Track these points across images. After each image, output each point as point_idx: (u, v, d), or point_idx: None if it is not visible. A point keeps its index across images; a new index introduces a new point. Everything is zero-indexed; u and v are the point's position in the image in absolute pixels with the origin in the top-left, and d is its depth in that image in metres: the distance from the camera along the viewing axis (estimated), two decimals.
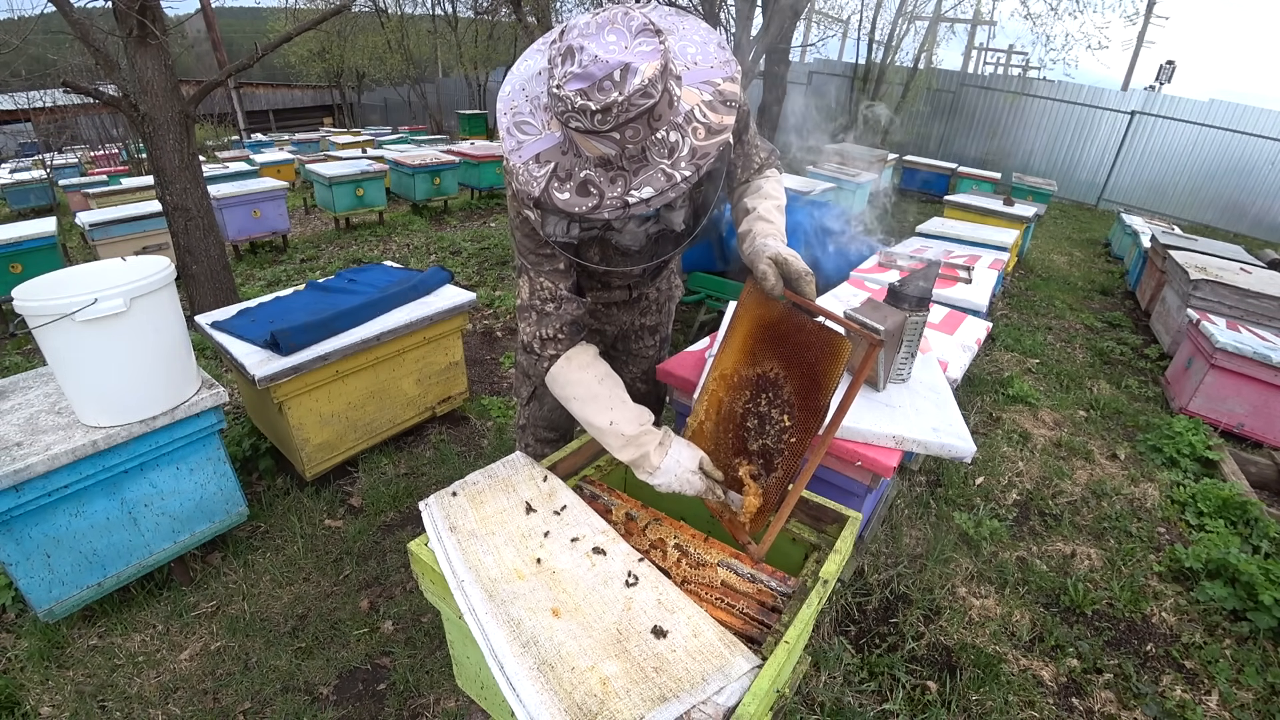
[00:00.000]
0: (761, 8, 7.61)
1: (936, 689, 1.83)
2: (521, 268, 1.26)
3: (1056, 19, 18.68)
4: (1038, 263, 6.85)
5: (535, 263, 1.22)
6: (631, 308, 1.63)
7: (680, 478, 1.15)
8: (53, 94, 10.61)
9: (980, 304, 2.78)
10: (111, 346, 1.65)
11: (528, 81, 1.01)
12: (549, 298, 1.23)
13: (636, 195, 0.91)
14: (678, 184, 0.92)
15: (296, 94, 23.78)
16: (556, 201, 0.94)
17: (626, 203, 0.92)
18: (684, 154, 0.92)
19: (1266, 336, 3.41)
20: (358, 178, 6.53)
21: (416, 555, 1.10)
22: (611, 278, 1.45)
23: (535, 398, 1.71)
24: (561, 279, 1.24)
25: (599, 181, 0.93)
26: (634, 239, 1.20)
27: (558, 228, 1.14)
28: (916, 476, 2.76)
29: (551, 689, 0.86)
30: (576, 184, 0.93)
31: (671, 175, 0.92)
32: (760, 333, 1.21)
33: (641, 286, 1.56)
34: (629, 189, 0.92)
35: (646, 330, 1.72)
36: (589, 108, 0.85)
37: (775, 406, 1.16)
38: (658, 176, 0.92)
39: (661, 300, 1.70)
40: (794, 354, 1.13)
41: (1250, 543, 2.47)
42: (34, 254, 4.24)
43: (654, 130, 0.90)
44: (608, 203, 0.92)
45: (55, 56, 6.57)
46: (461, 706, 1.71)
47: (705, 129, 0.93)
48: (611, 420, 1.18)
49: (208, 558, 2.21)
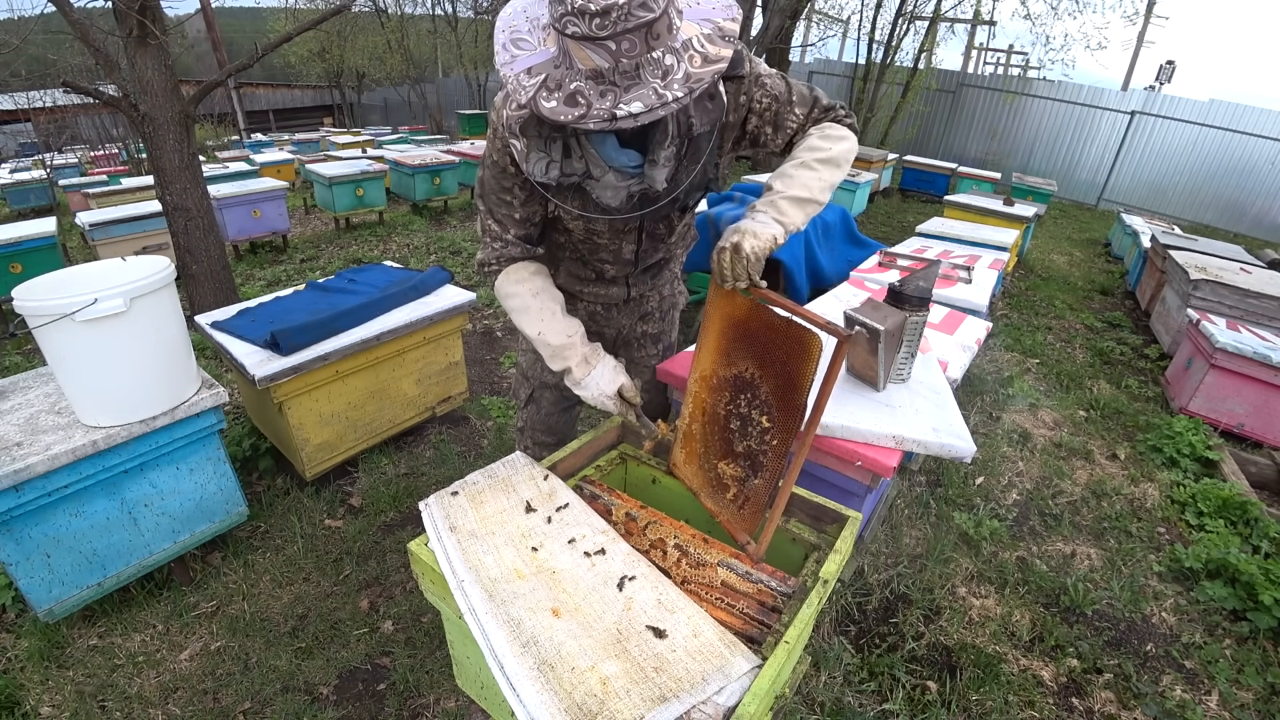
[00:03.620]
0: (762, 8, 7.61)
1: (936, 689, 1.83)
2: (477, 207, 1.34)
3: (1056, 19, 18.70)
4: (1038, 263, 6.85)
5: (493, 205, 1.27)
6: (631, 311, 1.61)
7: (597, 398, 1.28)
8: (53, 94, 10.62)
9: (980, 304, 2.78)
10: (111, 346, 1.65)
11: (529, 4, 1.00)
12: (495, 237, 1.31)
13: (625, 109, 0.89)
14: (668, 103, 0.90)
15: (296, 94, 23.79)
16: (543, 109, 0.92)
17: (614, 115, 0.89)
18: (678, 77, 0.91)
19: (1266, 336, 3.41)
20: (358, 178, 6.53)
21: (416, 555, 1.10)
22: (605, 266, 1.43)
23: (533, 400, 1.70)
24: (513, 225, 1.28)
25: (588, 93, 0.90)
26: (614, 195, 1.14)
27: (538, 166, 1.10)
28: (916, 476, 2.76)
29: (551, 689, 0.86)
30: (565, 95, 0.91)
31: (663, 95, 0.90)
32: (731, 330, 1.20)
33: (639, 285, 1.53)
34: (618, 102, 0.89)
35: (649, 339, 1.69)
36: (589, 9, 0.83)
37: (754, 408, 1.16)
38: (649, 94, 0.90)
39: (665, 308, 1.68)
40: (766, 352, 1.12)
41: (1250, 543, 2.47)
42: (34, 254, 4.24)
43: (650, 49, 0.89)
44: (594, 113, 0.90)
45: (55, 56, 6.57)
46: (461, 706, 1.71)
47: (702, 58, 0.92)
48: (540, 331, 1.28)
49: (208, 558, 2.21)
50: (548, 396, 1.67)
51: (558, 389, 1.65)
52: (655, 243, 1.43)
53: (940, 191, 9.53)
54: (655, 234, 1.40)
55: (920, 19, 11.98)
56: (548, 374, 1.62)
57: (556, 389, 1.65)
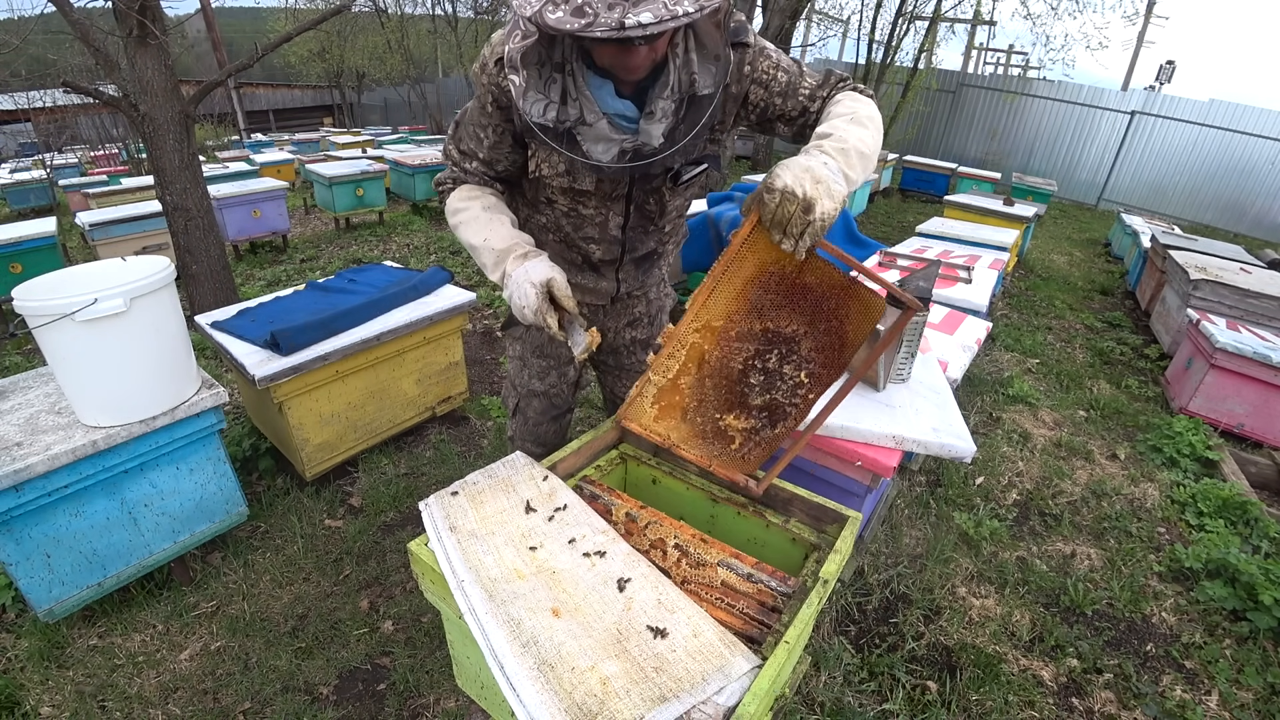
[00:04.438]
0: (762, 8, 7.61)
1: (936, 689, 1.83)
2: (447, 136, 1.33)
3: (1056, 19, 18.70)
4: (1038, 263, 6.85)
5: (466, 134, 1.27)
6: (618, 314, 1.57)
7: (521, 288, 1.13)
8: (53, 94, 10.61)
9: (980, 304, 2.78)
10: (111, 346, 1.65)
11: None
12: (455, 161, 1.31)
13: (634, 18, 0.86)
14: (679, 17, 0.87)
15: (296, 94, 23.79)
16: (548, 20, 0.88)
17: (623, 24, 0.86)
18: None
19: (1266, 336, 3.41)
20: (358, 178, 6.53)
21: (416, 555, 1.10)
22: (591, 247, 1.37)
23: (519, 410, 1.67)
24: (475, 159, 1.28)
25: (595, 4, 0.87)
26: (606, 148, 1.08)
27: (535, 106, 1.06)
28: (916, 476, 2.76)
29: (551, 689, 0.86)
30: (572, 6, 0.88)
31: (673, 9, 0.87)
32: (769, 282, 1.09)
33: (629, 280, 1.49)
34: (626, 13, 0.86)
35: (638, 344, 1.66)
36: None
37: (789, 363, 1.09)
38: (658, 6, 0.86)
39: (652, 312, 1.64)
40: (817, 309, 1.05)
41: (1250, 543, 2.47)
42: (34, 254, 4.24)
43: None
44: (601, 22, 0.86)
45: (55, 56, 6.57)
46: (461, 706, 1.71)
47: None
48: (485, 237, 1.22)
49: (208, 558, 2.21)
50: (535, 405, 1.65)
51: (545, 397, 1.63)
52: (644, 221, 1.37)
53: (940, 191, 9.54)
54: (645, 209, 1.34)
55: (920, 19, 11.98)
56: (534, 381, 1.61)
57: (544, 397, 1.63)
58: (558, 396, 1.64)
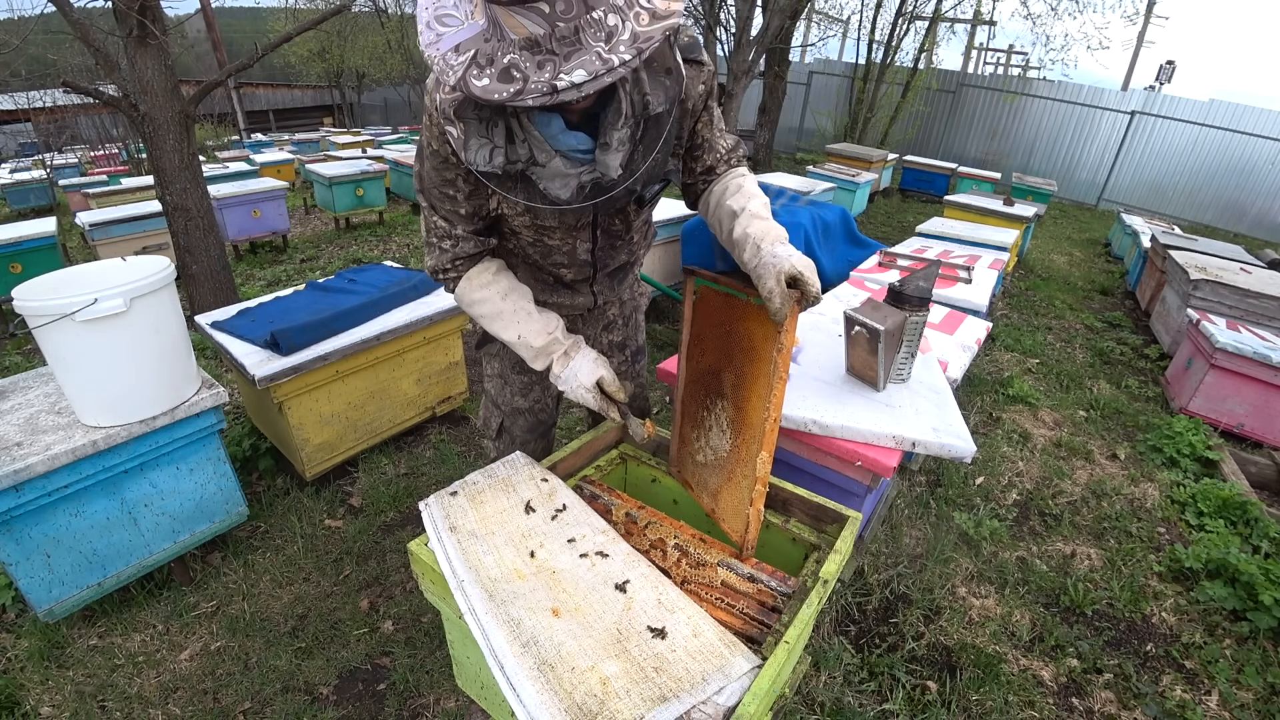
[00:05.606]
0: (762, 8, 7.61)
1: (936, 689, 1.83)
2: (420, 203, 1.22)
3: (1056, 19, 18.71)
4: (1038, 263, 6.85)
5: (436, 200, 1.17)
6: (594, 321, 1.54)
7: (576, 392, 1.23)
8: (53, 94, 10.62)
9: (980, 304, 2.78)
10: (111, 346, 1.65)
11: None
12: (444, 235, 1.21)
13: (566, 79, 0.79)
14: (615, 69, 0.80)
15: (296, 94, 23.77)
16: (474, 89, 0.82)
17: (555, 87, 0.79)
18: (624, 38, 0.80)
19: (1266, 336, 3.41)
20: (358, 178, 6.53)
21: (416, 555, 1.10)
22: (562, 270, 1.33)
23: (504, 431, 1.60)
24: (460, 221, 1.18)
25: (524, 66, 0.80)
26: (563, 184, 1.02)
27: (480, 154, 1.00)
28: (916, 476, 2.76)
29: (551, 689, 0.86)
30: (498, 70, 0.81)
31: (608, 60, 0.79)
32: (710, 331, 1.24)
33: (605, 291, 1.45)
34: (558, 73, 0.79)
35: (615, 347, 1.61)
36: None
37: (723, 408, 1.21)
38: (592, 60, 0.79)
39: (626, 313, 1.60)
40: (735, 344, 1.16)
41: (1250, 543, 2.47)
42: (34, 254, 4.24)
43: (590, 8, 0.79)
44: (532, 87, 0.80)
45: (55, 56, 6.58)
46: (461, 706, 1.71)
47: (649, 14, 0.81)
48: (520, 334, 1.24)
49: (208, 558, 2.21)
50: (520, 423, 1.59)
51: (530, 413, 1.57)
52: (612, 240, 1.32)
53: (940, 191, 9.53)
54: (611, 230, 1.29)
55: (920, 19, 11.99)
56: (517, 399, 1.55)
57: (529, 413, 1.57)
58: (543, 411, 1.59)
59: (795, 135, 14.95)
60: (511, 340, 1.25)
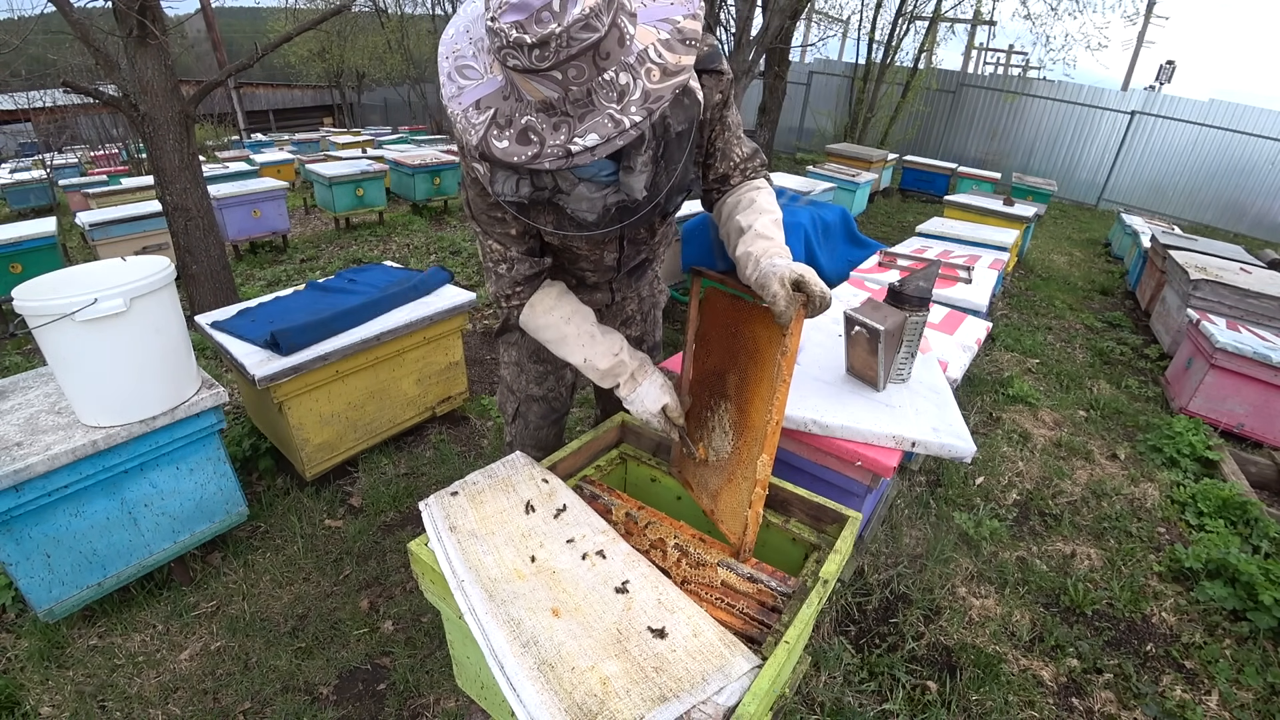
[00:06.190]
0: (762, 8, 7.61)
1: (936, 689, 1.83)
2: (474, 229, 1.26)
3: (1056, 19, 18.71)
4: (1038, 263, 6.85)
5: (486, 224, 1.20)
6: (613, 316, 1.57)
7: (642, 414, 1.29)
8: (53, 94, 10.62)
9: (980, 304, 2.78)
10: (111, 346, 1.65)
11: (472, 23, 0.91)
12: (500, 259, 1.23)
13: (580, 143, 0.82)
14: (626, 130, 0.83)
15: (296, 94, 23.75)
16: (495, 151, 0.86)
17: (569, 151, 0.83)
18: (635, 98, 0.83)
19: (1266, 336, 3.41)
20: (358, 178, 6.53)
21: (416, 555, 1.10)
22: (585, 274, 1.38)
23: (519, 415, 1.65)
24: (513, 243, 1.21)
25: (540, 128, 0.84)
26: (590, 207, 1.05)
27: (506, 185, 1.03)
28: (916, 476, 2.76)
29: (551, 689, 0.86)
30: (517, 131, 0.84)
31: (620, 121, 0.82)
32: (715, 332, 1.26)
33: (623, 288, 1.49)
34: (572, 136, 0.83)
35: (632, 342, 1.64)
36: (525, 41, 0.76)
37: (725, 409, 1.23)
38: (604, 122, 0.82)
39: (645, 309, 1.64)
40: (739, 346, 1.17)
41: (1250, 543, 2.47)
42: (34, 254, 4.24)
43: (601, 71, 0.81)
44: (548, 151, 0.83)
45: (55, 56, 6.58)
46: (461, 706, 1.71)
47: (660, 70, 0.84)
48: (585, 358, 1.27)
49: (208, 558, 2.21)
50: (534, 410, 1.64)
51: (544, 401, 1.62)
52: (637, 247, 1.37)
53: (940, 191, 9.53)
54: (637, 239, 1.34)
55: (920, 19, 11.98)
56: (532, 386, 1.60)
57: (543, 401, 1.62)
58: (556, 400, 1.64)
59: (795, 135, 14.95)
60: (578, 363, 1.28)
